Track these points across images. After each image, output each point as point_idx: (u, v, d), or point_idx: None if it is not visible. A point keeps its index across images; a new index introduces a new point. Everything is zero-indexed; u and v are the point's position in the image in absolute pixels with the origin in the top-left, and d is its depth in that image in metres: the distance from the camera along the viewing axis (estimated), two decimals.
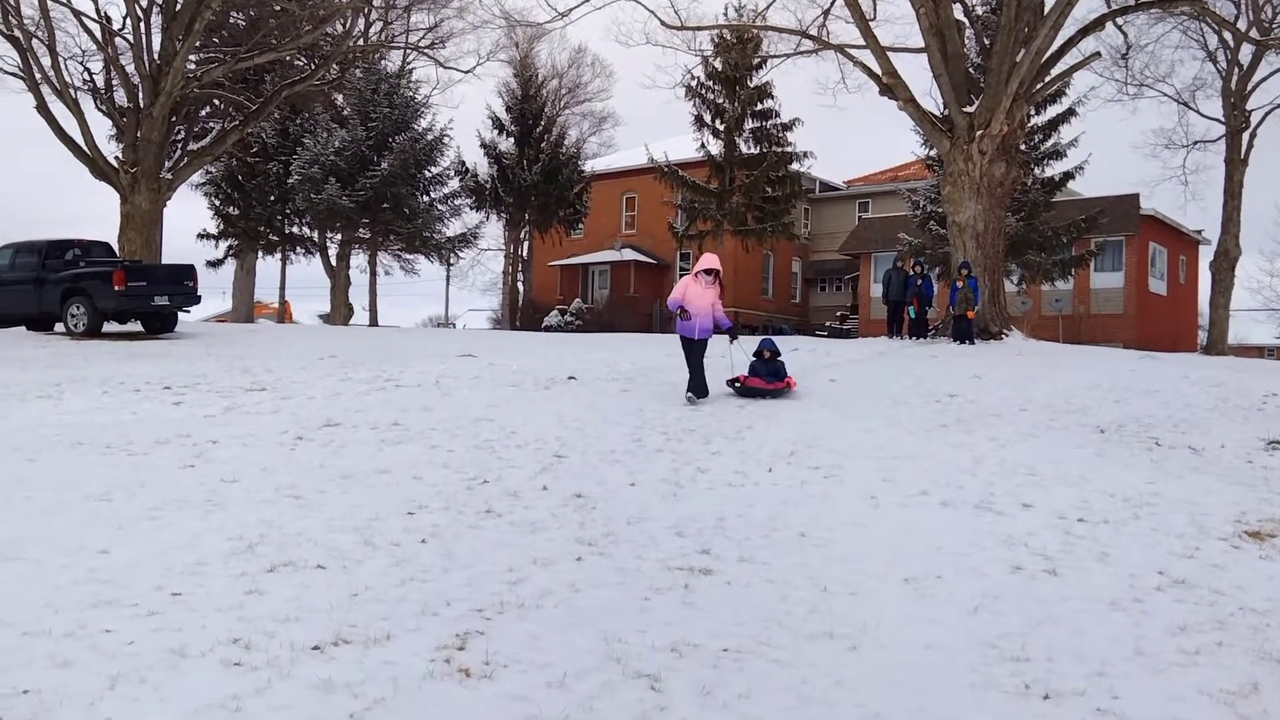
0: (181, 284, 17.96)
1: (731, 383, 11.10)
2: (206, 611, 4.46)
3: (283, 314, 37.71)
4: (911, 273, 19.34)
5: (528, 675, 3.73)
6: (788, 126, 32.05)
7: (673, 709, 3.45)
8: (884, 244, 32.53)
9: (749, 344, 12.17)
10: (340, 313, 32.04)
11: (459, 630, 4.20)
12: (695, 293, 10.85)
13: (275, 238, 34.10)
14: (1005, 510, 6.56)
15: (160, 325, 18.29)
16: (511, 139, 35.14)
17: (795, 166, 32.27)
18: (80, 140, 21.59)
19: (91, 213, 79.32)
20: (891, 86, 18.81)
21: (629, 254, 38.17)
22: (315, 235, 33.90)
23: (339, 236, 33.03)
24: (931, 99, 20.77)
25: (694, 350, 10.82)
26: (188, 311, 19.14)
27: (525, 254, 37.13)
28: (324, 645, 4.01)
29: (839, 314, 36.33)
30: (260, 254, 34.76)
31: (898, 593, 4.90)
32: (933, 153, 24.53)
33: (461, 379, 12.43)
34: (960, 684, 3.79)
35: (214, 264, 33.90)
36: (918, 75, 46.43)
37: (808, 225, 40.87)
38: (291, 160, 30.92)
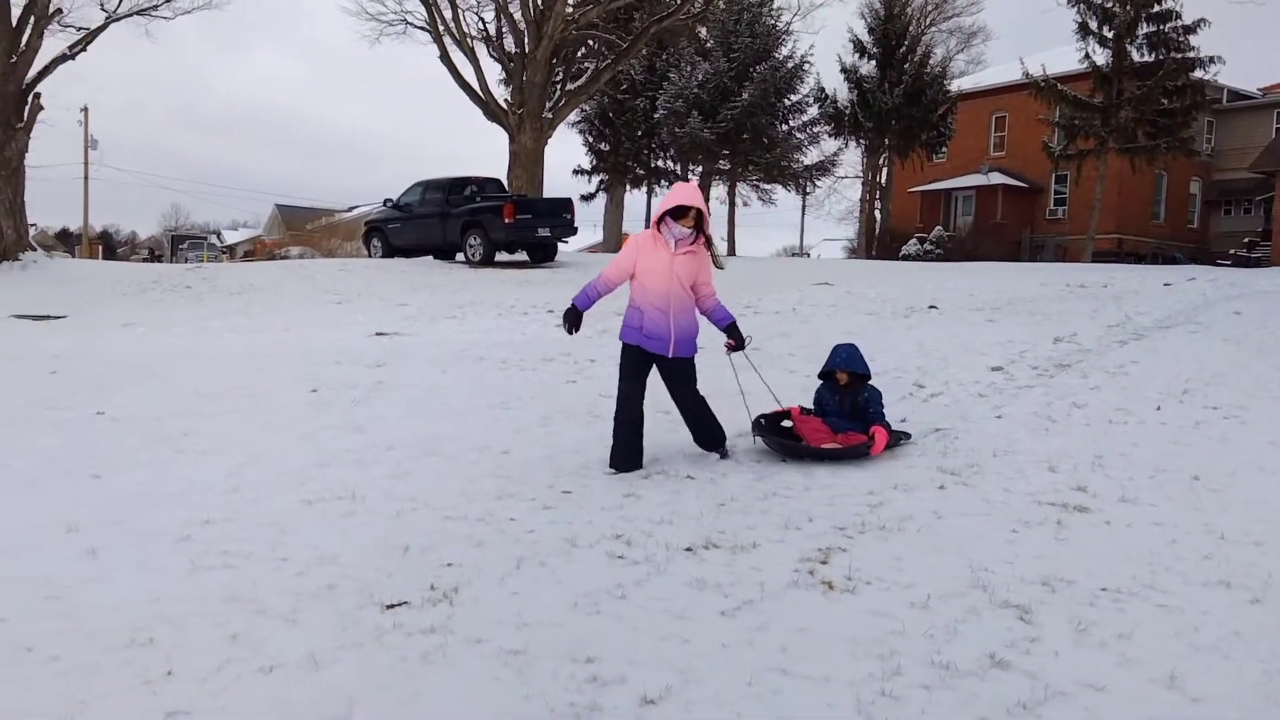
0: (561, 216, 19.42)
1: (763, 423, 6.12)
2: (592, 510, 4.91)
3: None
4: None
5: (890, 594, 3.76)
6: (1190, 29, 28.45)
7: (1044, 641, 3.33)
8: None
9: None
10: None
11: (821, 545, 4.31)
12: (656, 262, 5.62)
13: (641, 171, 35.76)
14: None
15: (543, 255, 19.91)
16: (873, 61, 34.10)
17: (1198, 74, 28.62)
18: (475, 85, 23.80)
19: (483, 151, 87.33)
20: None
21: (996, 177, 35.96)
22: (678, 168, 35.12)
23: (699, 168, 33.99)
24: None
25: (641, 374, 5.75)
26: (565, 242, 20.69)
27: (884, 180, 36.11)
28: (695, 547, 4.29)
29: (1246, 240, 31.96)
30: (628, 187, 36.63)
31: None
32: None
33: (818, 307, 12.47)
34: None
35: (587, 197, 36.25)
36: None
37: (1210, 140, 36.23)
38: (657, 95, 32.12)
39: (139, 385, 8.58)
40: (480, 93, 23.73)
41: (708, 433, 5.95)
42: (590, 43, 27.52)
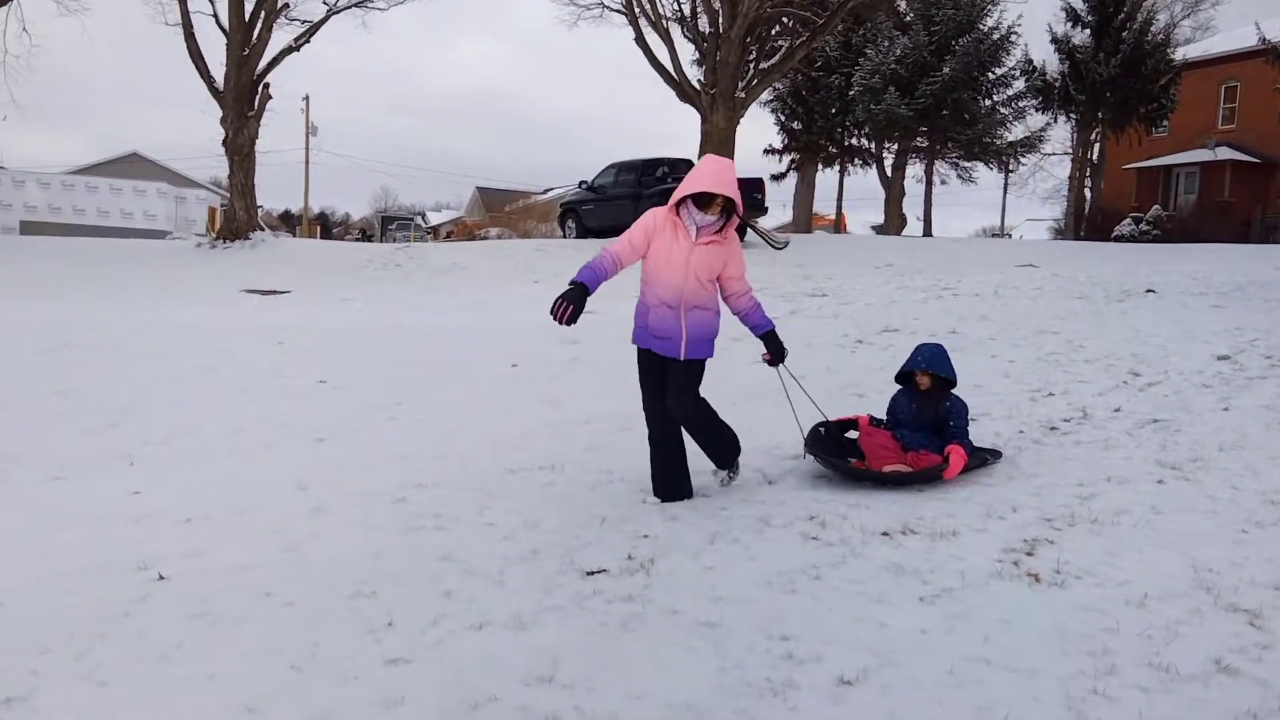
0: (751, 196, 19.34)
1: (822, 432, 5.37)
2: (784, 490, 4.91)
3: (838, 224, 38.85)
4: None
5: (1103, 590, 3.58)
6: None
7: (1277, 648, 3.10)
8: None
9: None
10: (894, 223, 32.19)
11: (1026, 536, 4.14)
12: (672, 253, 4.69)
13: (834, 150, 35.06)
14: None
15: None
16: (1087, 30, 32.03)
17: None
18: (669, 67, 23.97)
19: (676, 132, 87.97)
20: None
21: (1224, 152, 33.18)
22: (872, 146, 34.25)
23: (895, 146, 33.01)
24: None
25: (655, 382, 4.89)
26: (754, 223, 20.62)
27: (1095, 157, 33.96)
28: (892, 532, 4.21)
29: None
30: (820, 166, 36.00)
31: None
32: None
33: (1022, 289, 11.91)
34: None
35: (777, 177, 35.86)
36: None
37: None
38: (853, 72, 31.36)
39: (356, 356, 9.17)
40: (674, 74, 23.88)
41: (718, 444, 4.94)
42: (784, 20, 27.14)
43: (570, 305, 4.45)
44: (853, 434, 5.40)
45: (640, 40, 24.10)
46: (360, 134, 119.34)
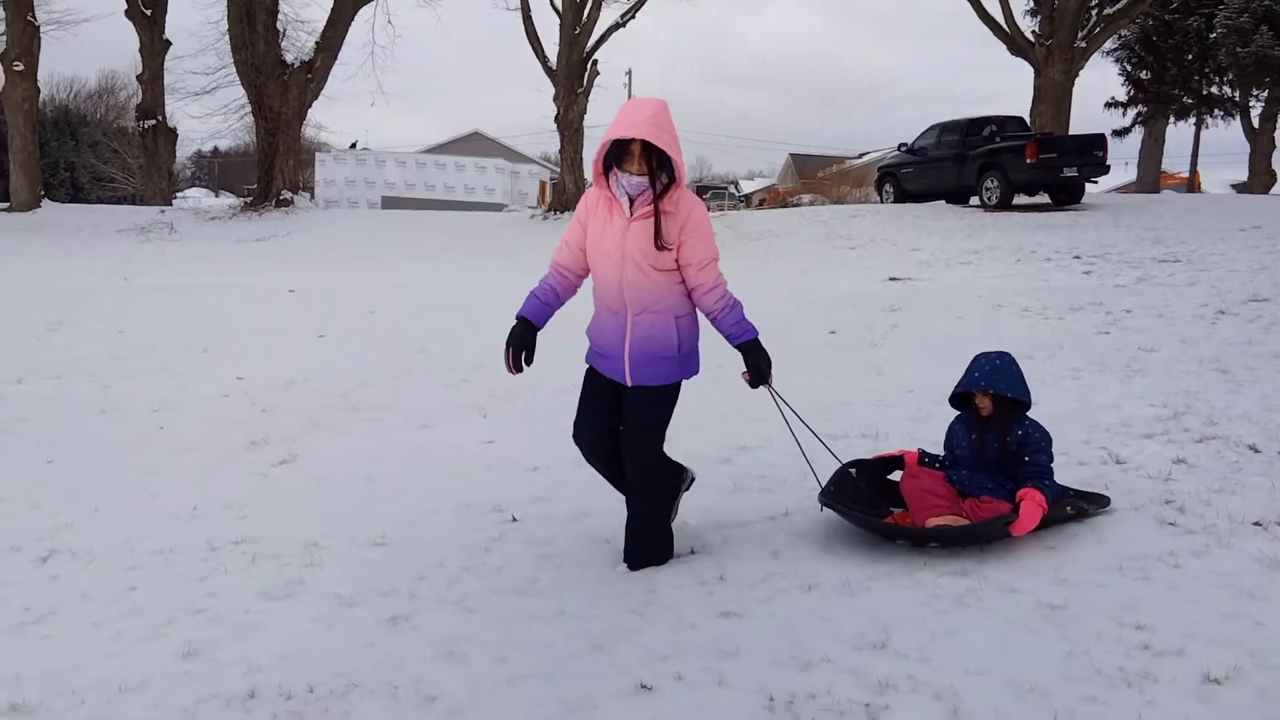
0: (1091, 154, 17.86)
1: (847, 480, 4.08)
2: (1133, 474, 4.53)
3: (1192, 183, 35.00)
4: None
5: None
6: None
7: None
8: None
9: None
10: (1260, 180, 28.56)
11: None
12: (605, 236, 3.58)
13: (1190, 100, 31.58)
14: None
15: (1067, 197, 18.50)
16: None
17: None
18: (1000, 18, 22.57)
19: (1006, 88, 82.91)
20: None
21: None
22: (1236, 94, 30.48)
23: (1265, 94, 29.18)
24: None
25: (597, 404, 3.78)
26: (1094, 182, 19.02)
27: None
28: (1266, 523, 3.78)
29: None
30: (1171, 119, 32.58)
31: None
32: None
33: None
34: None
35: (1119, 133, 32.91)
36: None
37: None
38: (1215, 12, 28.00)
39: None
40: (1005, 25, 22.47)
41: (643, 538, 3.73)
42: None
43: (511, 350, 3.64)
44: (897, 475, 4.23)
45: None
46: (676, 105, 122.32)
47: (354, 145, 43.19)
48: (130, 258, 15.59)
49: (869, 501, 4.01)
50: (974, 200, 19.15)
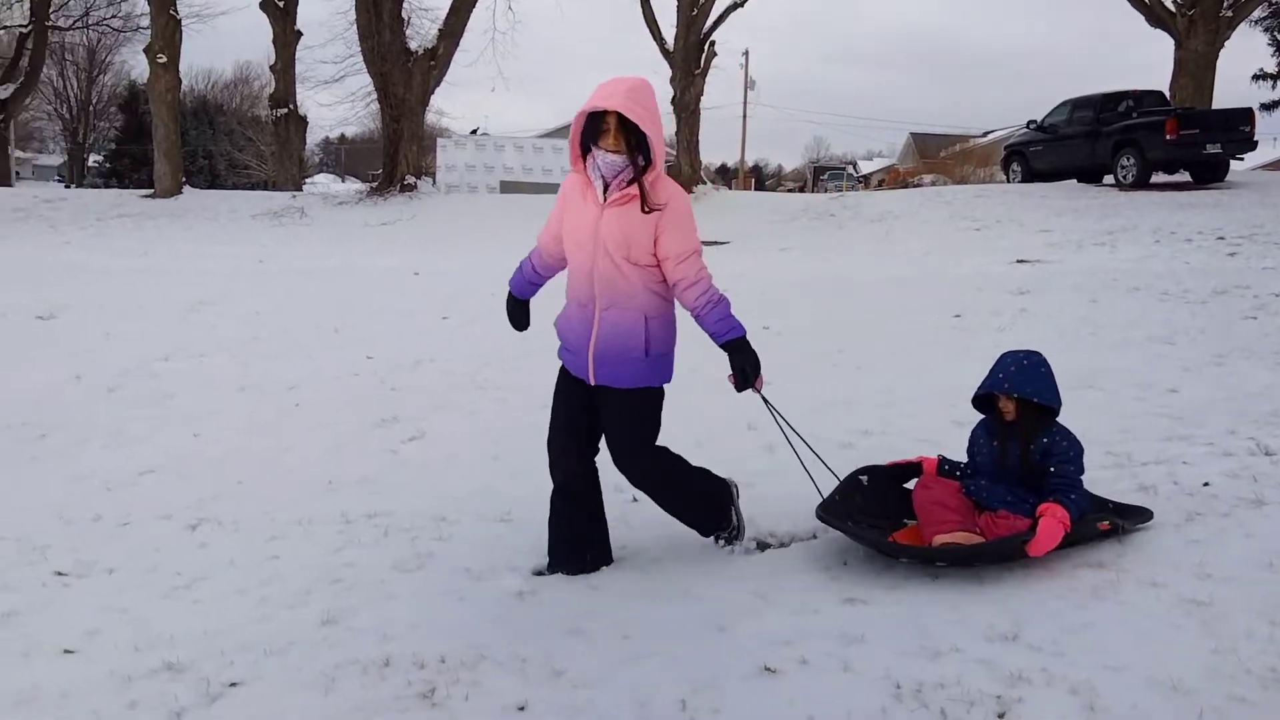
0: (1236, 130, 16.91)
1: (855, 490, 3.80)
2: None
3: None
4: None
5: None
6: None
7: None
8: None
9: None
10: None
11: None
12: (580, 222, 3.42)
13: None
14: None
15: (1210, 175, 17.57)
16: None
17: None
18: None
19: (1137, 63, 79.21)
20: None
21: None
22: None
23: None
24: None
25: (570, 409, 3.60)
26: (1240, 159, 18.02)
27: None
28: None
29: None
30: None
31: None
32: None
33: None
34: None
35: (1268, 106, 31.08)
36: None
37: None
38: None
39: (795, 304, 9.40)
40: None
41: (691, 507, 3.71)
42: None
43: (511, 321, 3.85)
44: (913, 484, 3.85)
45: None
46: (793, 85, 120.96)
47: (475, 131, 44.04)
48: (264, 241, 16.27)
49: (880, 513, 3.73)
50: (1108, 179, 18.37)
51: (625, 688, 2.77)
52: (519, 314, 3.84)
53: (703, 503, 3.70)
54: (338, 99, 40.20)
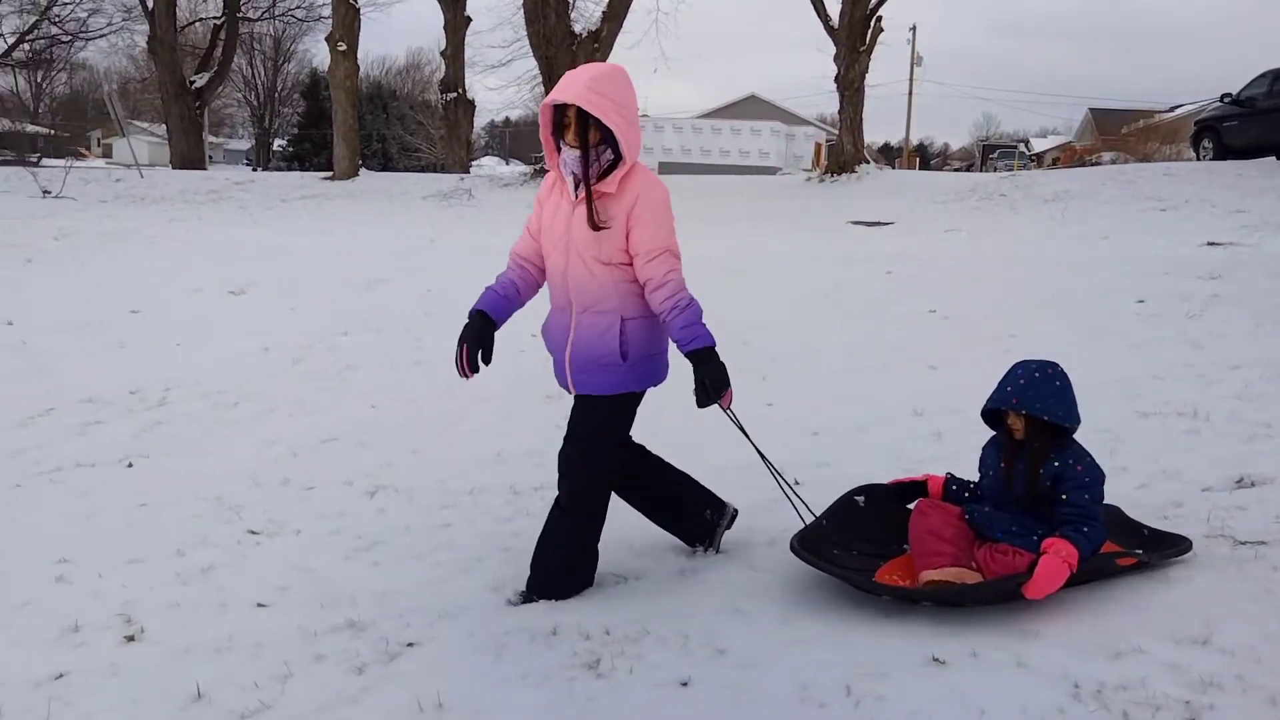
0: None
1: (851, 513, 3.47)
2: None
3: None
4: None
5: None
6: None
7: None
8: None
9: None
10: None
11: None
12: (553, 222, 3.23)
13: None
14: None
15: None
16: None
17: None
18: None
19: None
20: None
21: None
22: None
23: None
24: None
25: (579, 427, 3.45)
26: None
27: None
28: None
29: None
30: None
31: None
32: None
33: None
34: None
35: None
36: None
37: None
38: None
39: (964, 286, 9.09)
40: None
41: (541, 555, 3.37)
42: None
43: (465, 348, 3.24)
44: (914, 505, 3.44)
45: None
46: (961, 60, 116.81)
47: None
48: (435, 221, 16.88)
49: (875, 539, 3.42)
50: None
51: (787, 670, 2.76)
52: (483, 337, 3.28)
53: (565, 568, 3.37)
54: (504, 82, 41.41)
